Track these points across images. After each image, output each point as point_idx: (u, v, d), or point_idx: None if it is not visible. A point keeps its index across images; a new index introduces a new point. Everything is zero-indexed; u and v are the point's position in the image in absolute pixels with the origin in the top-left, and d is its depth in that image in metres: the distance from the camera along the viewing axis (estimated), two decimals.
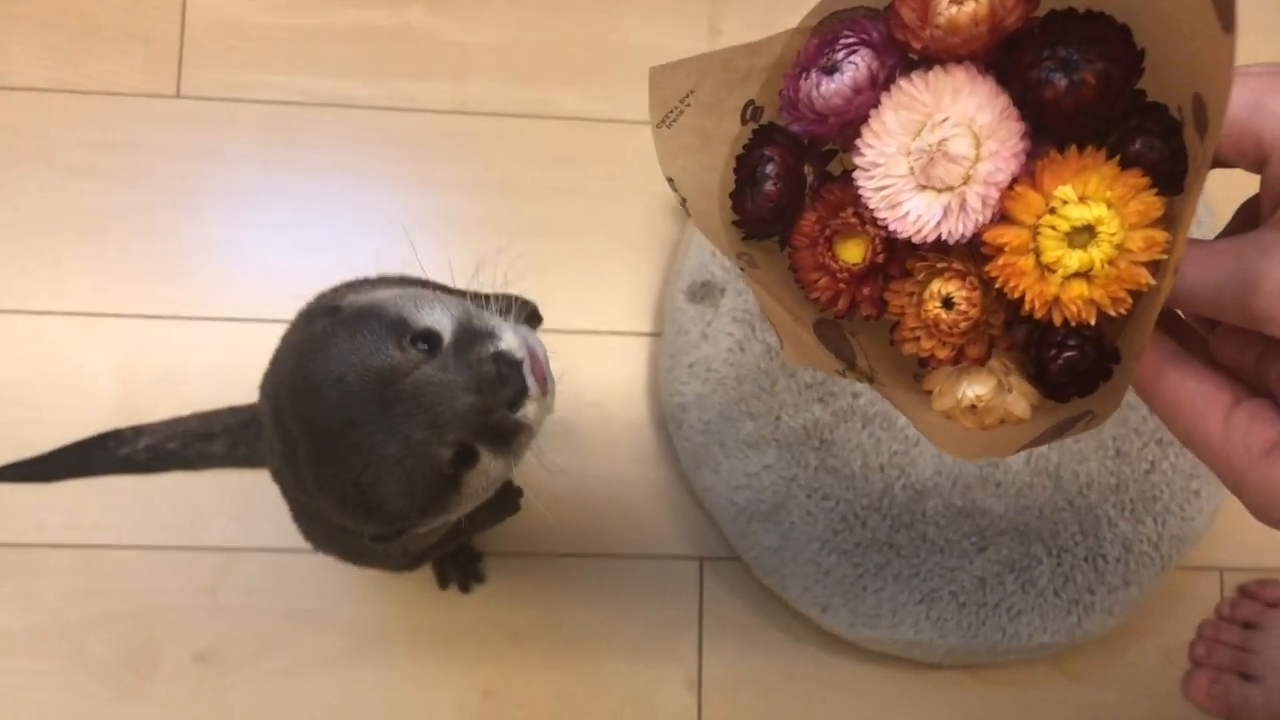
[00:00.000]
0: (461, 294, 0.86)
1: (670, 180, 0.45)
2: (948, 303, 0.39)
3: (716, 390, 1.08)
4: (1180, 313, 0.40)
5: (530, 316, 0.90)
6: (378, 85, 1.20)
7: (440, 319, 0.65)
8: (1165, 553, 1.10)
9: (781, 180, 0.42)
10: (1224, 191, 1.16)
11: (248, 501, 1.12)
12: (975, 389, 0.41)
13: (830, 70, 0.39)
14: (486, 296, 0.72)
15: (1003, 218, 0.36)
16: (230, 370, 1.13)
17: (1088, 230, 0.35)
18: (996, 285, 0.37)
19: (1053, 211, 0.35)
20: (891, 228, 0.38)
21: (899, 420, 1.08)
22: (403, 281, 0.91)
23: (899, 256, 0.40)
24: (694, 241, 1.11)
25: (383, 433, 0.61)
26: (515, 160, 1.20)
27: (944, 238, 0.37)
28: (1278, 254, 0.33)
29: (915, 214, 0.37)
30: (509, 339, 0.65)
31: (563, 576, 1.14)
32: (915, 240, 0.38)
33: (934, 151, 0.36)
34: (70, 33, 1.18)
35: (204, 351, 1.14)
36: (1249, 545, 1.21)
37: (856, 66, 0.39)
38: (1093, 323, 0.36)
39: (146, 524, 1.12)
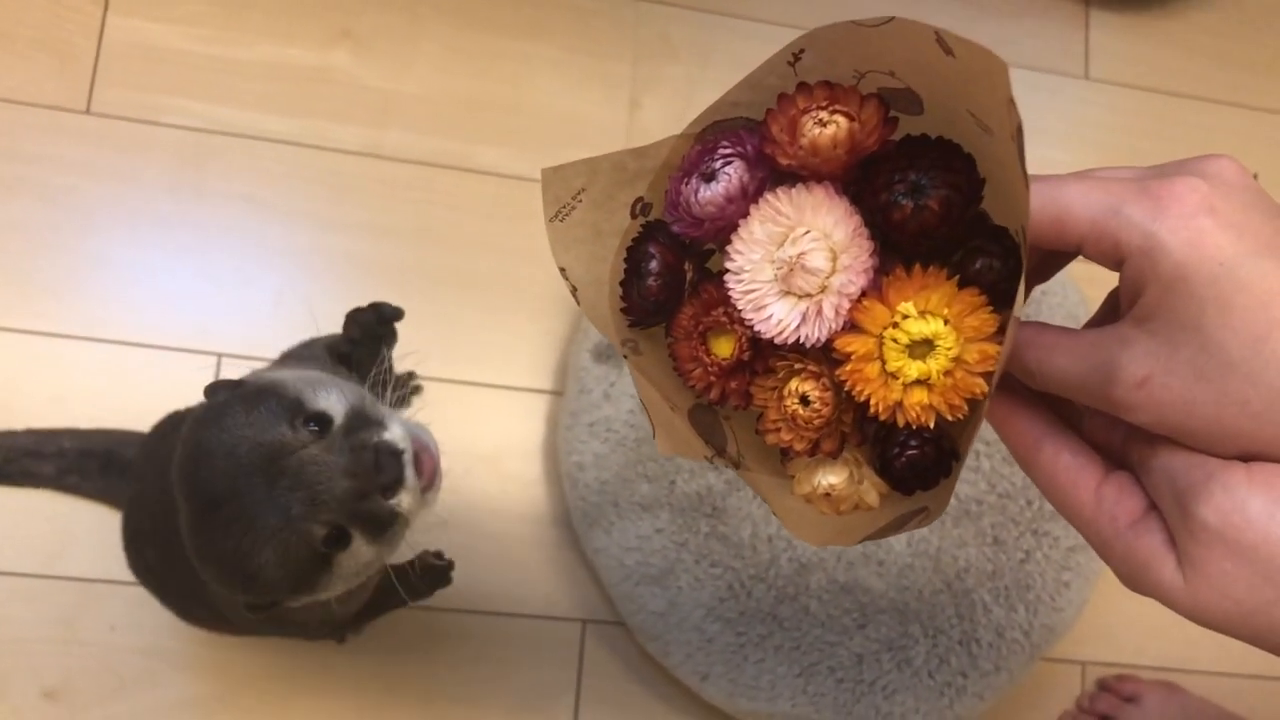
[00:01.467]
0: (374, 366, 0.87)
1: (563, 270, 0.47)
2: (804, 400, 0.41)
3: (615, 451, 1.08)
4: None
5: (389, 314, 0.92)
6: (294, 122, 1.19)
7: (334, 404, 0.68)
8: (1035, 641, 1.13)
9: (662, 276, 0.45)
10: (1088, 272, 1.22)
11: (116, 532, 1.07)
12: (830, 478, 0.43)
13: (708, 177, 0.42)
14: (389, 376, 0.75)
15: (852, 327, 0.39)
16: (115, 394, 1.10)
17: (927, 343, 0.38)
18: (845, 388, 0.39)
19: (896, 325, 0.38)
20: (756, 328, 0.40)
21: None
22: (314, 358, 0.92)
23: (763, 355, 0.43)
24: None
25: (265, 504, 0.64)
26: (428, 209, 1.20)
27: (802, 340, 0.40)
28: (1134, 347, 0.35)
29: (777, 317, 0.40)
30: (395, 430, 0.68)
31: (443, 630, 1.12)
32: (777, 341, 0.40)
33: (794, 262, 0.39)
34: None
35: (90, 372, 1.10)
36: (1110, 641, 1.25)
37: (730, 177, 0.41)
38: (931, 425, 0.39)
39: (2, 549, 1.06)
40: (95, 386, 1.10)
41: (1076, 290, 1.22)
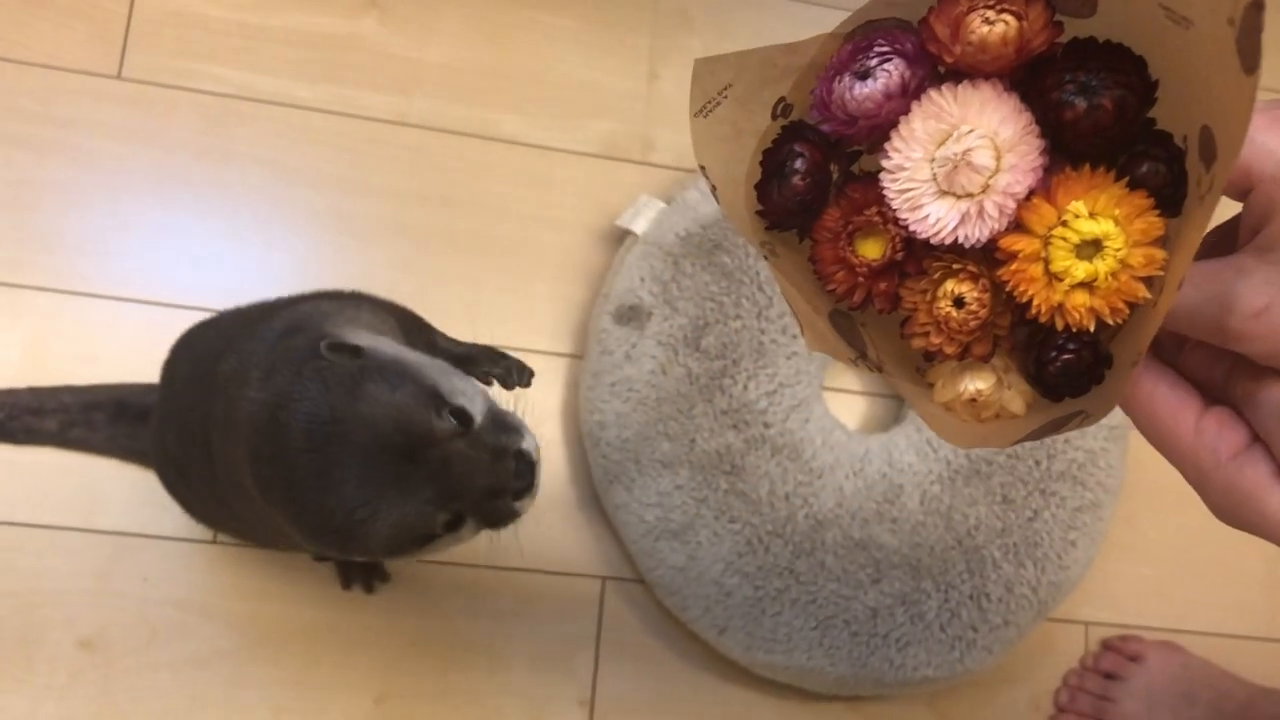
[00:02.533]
0: (469, 351, 0.95)
1: (702, 168, 0.47)
2: (959, 302, 0.41)
3: (636, 410, 1.11)
4: None
5: (527, 378, 0.99)
6: (321, 89, 1.22)
7: (475, 403, 0.73)
8: (1042, 598, 1.16)
9: (809, 176, 0.44)
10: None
11: (150, 487, 1.10)
12: (976, 384, 0.43)
13: (863, 75, 0.41)
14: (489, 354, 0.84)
15: (1017, 226, 0.39)
16: (143, 353, 1.11)
17: (1094, 244, 0.38)
18: (1006, 289, 0.39)
19: (1064, 224, 0.38)
20: (911, 228, 0.40)
21: (805, 452, 1.13)
22: (393, 310, 0.94)
23: (916, 256, 0.43)
24: (624, 266, 1.15)
25: (399, 484, 0.68)
26: (451, 176, 1.22)
27: (960, 241, 0.39)
28: (1253, 276, 0.35)
29: (935, 217, 0.40)
30: (530, 441, 0.74)
31: (465, 586, 1.15)
32: (933, 242, 0.40)
33: (958, 160, 0.39)
34: (16, 2, 1.17)
35: (119, 331, 1.12)
36: (1114, 602, 1.29)
37: (889, 74, 0.41)
38: (1092, 329, 0.39)
39: (38, 502, 1.09)
40: (124, 345, 1.12)
41: None
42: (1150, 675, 1.23)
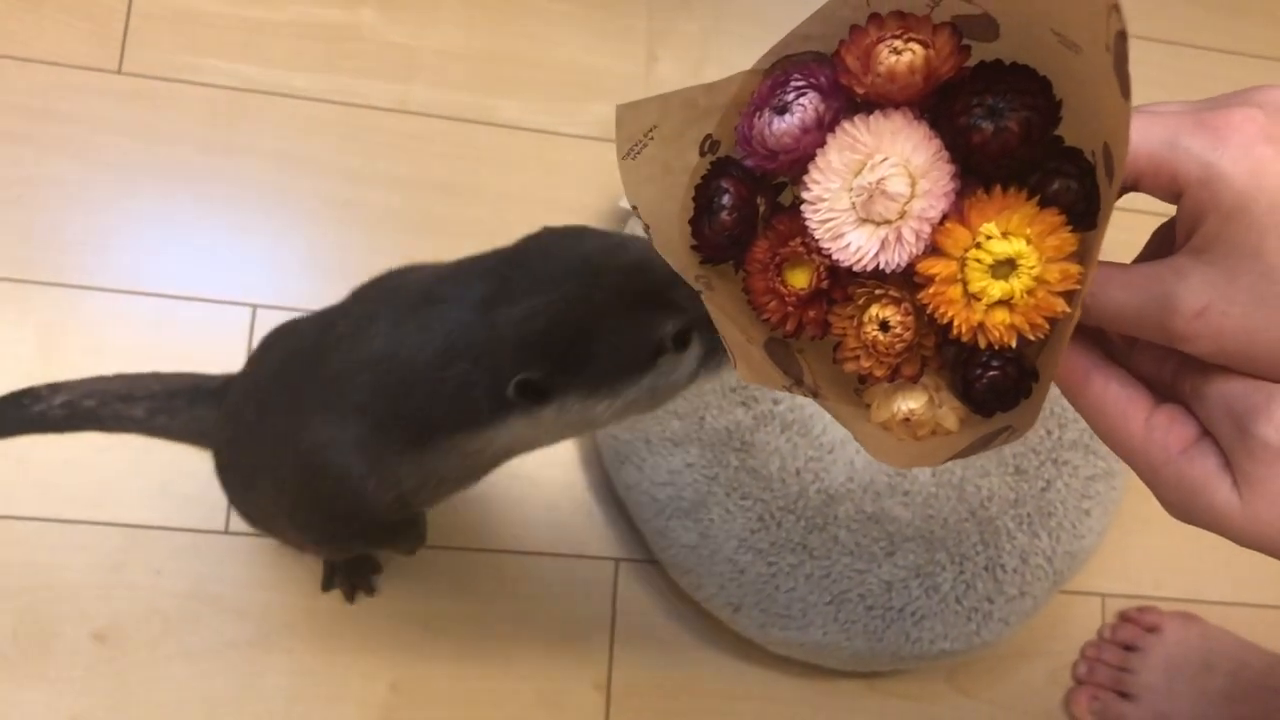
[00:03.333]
0: None
1: (634, 208, 0.48)
2: (884, 326, 0.42)
3: None
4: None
5: None
6: (321, 79, 1.22)
7: None
8: (1058, 567, 1.16)
9: (735, 211, 0.46)
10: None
11: (160, 478, 1.10)
12: (909, 404, 0.44)
13: (781, 110, 0.42)
14: None
15: (934, 250, 0.40)
16: (151, 346, 1.12)
17: (1009, 263, 0.39)
18: (928, 311, 0.40)
19: (978, 246, 0.39)
20: (834, 257, 0.41)
21: (815, 428, 1.13)
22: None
23: (841, 283, 0.44)
24: None
25: (635, 283, 0.68)
26: (454, 162, 1.23)
27: (881, 267, 0.41)
28: (1191, 277, 0.36)
29: (855, 245, 0.41)
30: None
31: (479, 571, 1.15)
32: (855, 269, 0.41)
33: (873, 189, 0.40)
34: (23, 3, 1.17)
35: (127, 325, 1.13)
36: (1130, 574, 1.28)
37: (805, 108, 0.42)
38: (1014, 345, 0.40)
39: (49, 496, 1.09)
40: (131, 339, 1.12)
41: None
42: (1168, 646, 1.22)
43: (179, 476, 1.11)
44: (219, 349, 1.13)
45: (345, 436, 0.77)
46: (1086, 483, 1.17)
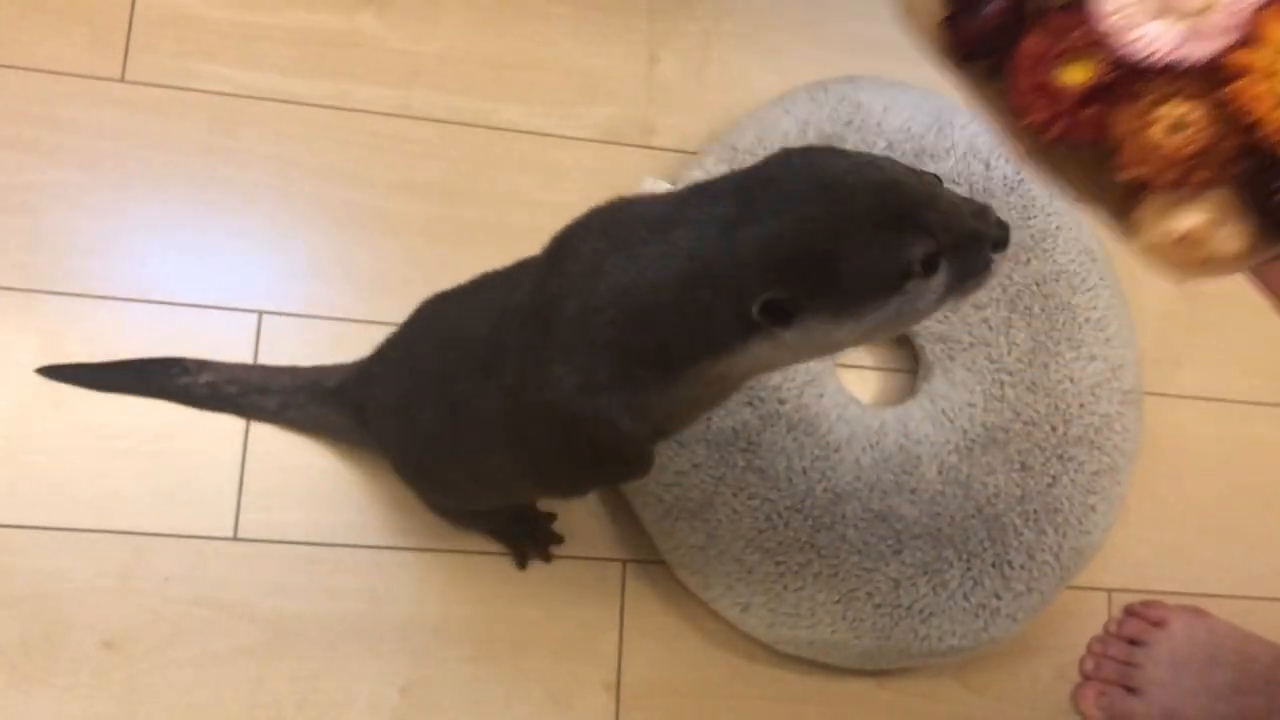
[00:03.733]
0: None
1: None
2: (1177, 126, 0.38)
3: None
4: None
5: None
6: (322, 85, 1.22)
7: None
8: (1064, 563, 1.16)
9: (1005, 2, 0.43)
10: None
11: (167, 486, 1.10)
12: (1190, 220, 0.40)
13: None
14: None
15: (1247, 43, 0.36)
16: (157, 352, 1.12)
17: None
18: (1231, 109, 0.36)
19: None
20: (1125, 48, 0.38)
21: (821, 426, 1.13)
22: None
23: (1127, 79, 0.40)
24: None
25: (886, 205, 0.67)
26: (456, 166, 1.23)
27: (1181, 60, 0.37)
28: None
29: (1151, 37, 0.37)
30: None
31: (485, 574, 1.15)
32: (1148, 63, 0.38)
33: None
34: (17, 9, 1.17)
35: (132, 332, 1.13)
36: (1135, 568, 1.29)
37: None
38: None
39: (56, 504, 1.09)
40: (138, 345, 1.12)
41: (1090, 226, 1.25)
42: (1174, 640, 1.22)
43: (186, 483, 1.11)
44: (226, 355, 1.14)
45: (595, 380, 0.76)
46: (1092, 478, 1.17)
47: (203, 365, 1.12)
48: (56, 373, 1.11)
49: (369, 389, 1.05)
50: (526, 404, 0.81)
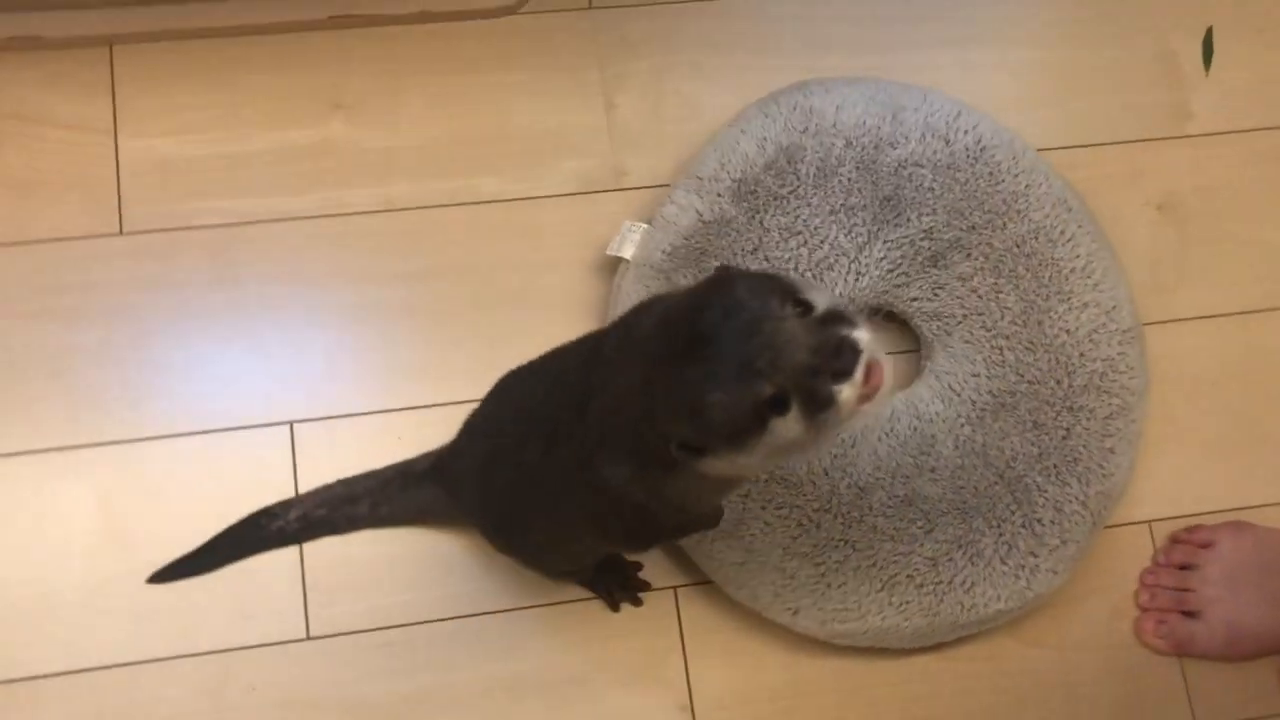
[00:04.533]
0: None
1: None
2: None
3: None
4: None
5: None
6: (307, 197, 1.29)
7: (820, 298, 0.77)
8: (1094, 509, 1.19)
9: None
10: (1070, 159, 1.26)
11: (236, 602, 1.17)
12: None
13: None
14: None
15: None
16: (208, 478, 1.19)
17: None
18: None
19: None
20: None
21: None
22: None
23: None
24: (621, 293, 1.21)
25: (735, 354, 0.73)
26: (445, 246, 1.29)
27: None
28: None
29: None
30: (862, 334, 0.75)
31: (544, 627, 1.20)
32: None
33: None
34: (13, 193, 1.25)
35: (179, 466, 1.20)
36: (1170, 497, 1.31)
37: None
38: None
39: (139, 638, 1.16)
40: (186, 476, 1.19)
41: (1060, 178, 1.28)
42: (1224, 557, 1.25)
43: (254, 594, 1.17)
44: (267, 468, 1.20)
45: (618, 472, 0.86)
46: (1105, 423, 1.20)
47: (287, 504, 1.19)
48: (163, 576, 1.17)
49: (458, 461, 1.13)
50: (585, 480, 0.90)
